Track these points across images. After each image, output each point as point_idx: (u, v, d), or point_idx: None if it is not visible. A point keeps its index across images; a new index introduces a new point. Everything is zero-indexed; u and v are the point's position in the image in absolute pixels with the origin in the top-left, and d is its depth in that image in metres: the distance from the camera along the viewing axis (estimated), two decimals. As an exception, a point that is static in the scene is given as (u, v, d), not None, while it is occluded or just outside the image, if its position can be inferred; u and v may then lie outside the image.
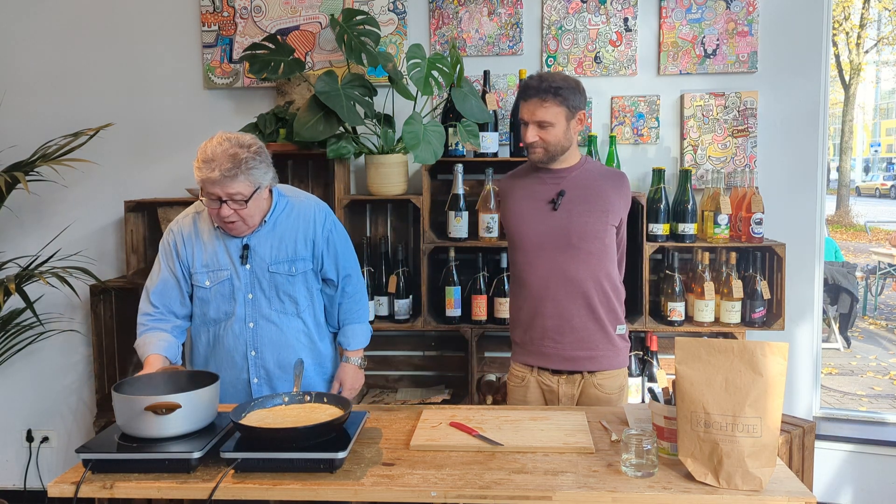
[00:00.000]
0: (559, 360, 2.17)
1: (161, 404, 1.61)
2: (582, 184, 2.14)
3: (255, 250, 2.08)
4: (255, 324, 2.11)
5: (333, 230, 2.18)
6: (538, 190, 2.16)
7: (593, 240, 2.11)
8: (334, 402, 1.80)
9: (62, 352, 3.40)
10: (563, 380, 2.17)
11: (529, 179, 2.20)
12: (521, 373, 2.24)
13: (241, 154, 1.91)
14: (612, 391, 2.17)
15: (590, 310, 2.14)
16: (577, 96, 2.08)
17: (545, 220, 2.13)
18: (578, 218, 2.10)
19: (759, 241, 2.82)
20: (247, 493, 1.53)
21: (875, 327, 7.75)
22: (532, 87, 2.07)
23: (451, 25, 3.10)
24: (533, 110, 2.06)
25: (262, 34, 3.13)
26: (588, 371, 2.16)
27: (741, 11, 3.00)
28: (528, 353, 2.21)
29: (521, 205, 2.18)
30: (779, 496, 1.45)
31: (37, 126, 3.26)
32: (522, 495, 1.48)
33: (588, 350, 2.15)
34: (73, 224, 3.30)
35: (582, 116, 2.11)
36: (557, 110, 2.04)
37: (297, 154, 3.01)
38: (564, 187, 2.12)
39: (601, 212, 2.11)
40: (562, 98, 2.04)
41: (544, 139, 2.07)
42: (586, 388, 2.17)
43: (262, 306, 2.11)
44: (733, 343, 1.51)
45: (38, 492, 3.40)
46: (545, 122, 2.05)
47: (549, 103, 2.04)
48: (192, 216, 2.14)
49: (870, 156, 26.30)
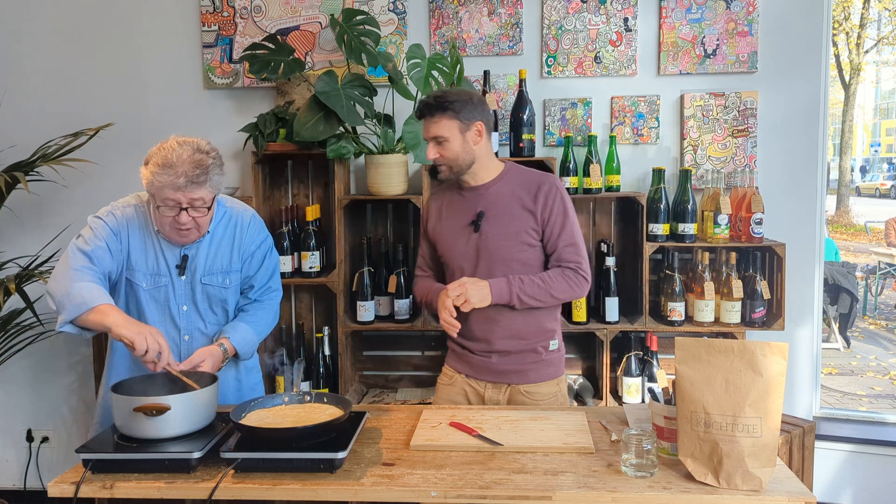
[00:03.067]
0: (486, 373, 2.15)
1: (150, 406, 1.61)
2: (500, 201, 2.09)
3: (191, 260, 2.00)
4: (190, 336, 2.03)
5: (265, 242, 2.12)
6: (460, 209, 2.14)
7: (511, 262, 2.06)
8: (334, 402, 1.80)
9: (62, 352, 3.40)
10: (489, 386, 2.16)
11: (454, 197, 2.17)
12: (451, 373, 2.23)
13: (206, 160, 1.85)
14: (541, 398, 2.14)
15: (514, 329, 2.10)
16: (472, 108, 2.04)
17: (468, 242, 2.10)
18: (495, 241, 2.07)
19: (759, 241, 2.82)
20: (247, 493, 1.53)
21: (875, 327, 7.75)
22: (423, 105, 2.06)
23: (451, 25, 3.10)
24: (427, 127, 2.06)
25: (262, 34, 3.13)
26: (515, 383, 2.15)
27: (741, 11, 3.00)
28: (460, 360, 2.20)
29: (445, 224, 2.16)
30: (779, 496, 1.45)
31: (37, 126, 3.26)
32: (522, 495, 1.48)
33: (515, 365, 2.13)
34: (73, 224, 3.30)
35: (480, 128, 2.05)
36: (449, 123, 2.02)
37: (297, 154, 3.01)
38: (483, 207, 2.09)
39: (516, 232, 2.07)
40: (452, 112, 2.01)
41: (443, 155, 2.05)
42: (513, 394, 2.15)
43: (197, 319, 2.03)
44: (733, 343, 1.51)
45: (38, 492, 3.40)
46: (440, 138, 2.03)
47: (439, 117, 2.02)
48: (133, 208, 2.00)
49: (870, 156, 26.29)
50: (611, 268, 2.91)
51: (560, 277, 2.06)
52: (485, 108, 2.08)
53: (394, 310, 2.96)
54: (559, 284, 2.05)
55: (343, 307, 2.97)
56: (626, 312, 3.02)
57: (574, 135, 3.08)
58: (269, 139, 2.91)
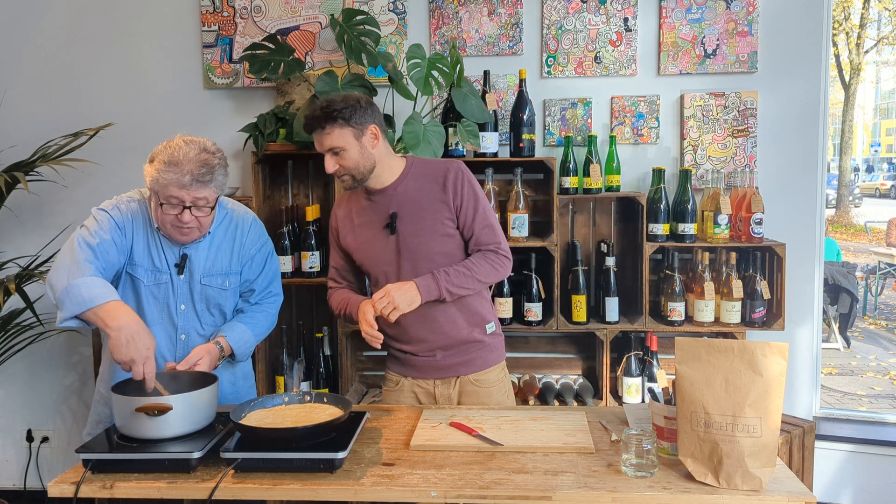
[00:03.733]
0: (433, 371, 2.14)
1: (152, 406, 1.61)
2: (410, 198, 2.05)
3: (191, 260, 1.99)
4: (186, 336, 2.02)
5: (266, 246, 2.12)
6: (371, 214, 2.09)
7: (434, 256, 2.04)
8: (334, 402, 1.80)
9: (62, 352, 3.41)
10: (438, 382, 2.15)
11: (362, 203, 2.11)
12: (396, 378, 2.20)
13: (212, 160, 1.85)
14: (490, 385, 2.15)
15: (450, 322, 2.09)
16: (360, 112, 1.96)
17: (387, 245, 2.06)
18: (414, 239, 2.03)
19: (759, 241, 2.82)
20: (247, 493, 1.53)
21: (875, 327, 7.75)
22: (310, 119, 1.97)
23: (451, 25, 3.10)
24: (320, 140, 1.97)
25: (262, 34, 3.13)
26: (463, 374, 2.14)
27: (741, 11, 3.00)
28: (403, 364, 2.18)
29: (359, 232, 2.11)
30: (779, 496, 1.45)
31: (37, 126, 3.26)
32: (522, 495, 1.48)
33: (460, 357, 2.13)
34: (72, 224, 3.30)
35: (374, 131, 1.98)
36: (342, 132, 1.94)
37: (297, 154, 3.01)
38: (395, 207, 2.05)
39: (432, 225, 2.04)
40: (343, 119, 1.93)
41: (344, 166, 1.98)
42: (463, 385, 2.14)
43: (194, 319, 2.03)
44: (733, 343, 1.51)
45: (38, 492, 3.40)
46: (336, 148, 1.95)
47: (330, 128, 1.94)
48: (137, 203, 2.00)
49: (870, 156, 26.29)
50: (611, 268, 2.91)
51: (483, 261, 2.04)
52: (374, 110, 2.01)
53: (394, 310, 2.96)
54: (483, 268, 2.03)
55: (343, 307, 2.97)
56: (626, 312, 3.02)
57: (574, 135, 3.08)
58: (269, 139, 2.91)
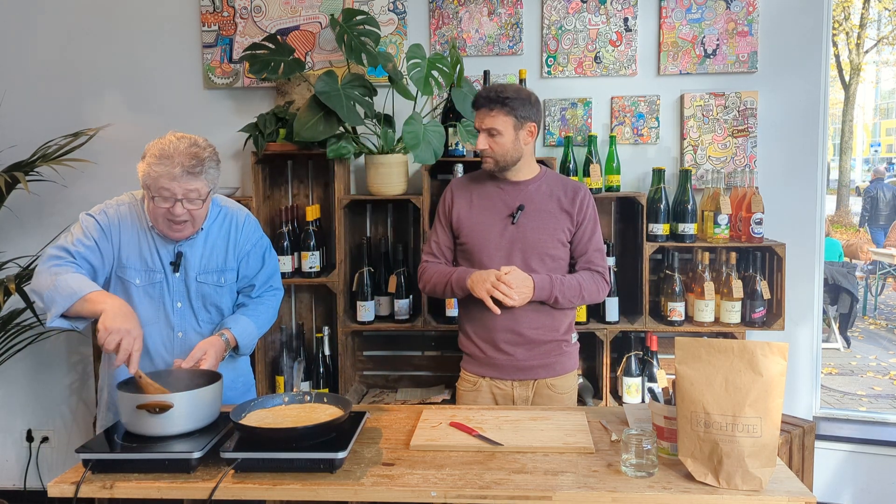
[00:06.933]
0: (513, 371, 2.20)
1: (154, 403, 1.62)
2: (540, 198, 2.17)
3: (186, 258, 2.00)
4: (183, 334, 2.03)
5: (261, 241, 2.13)
6: (497, 202, 2.19)
7: (544, 256, 2.15)
8: (334, 402, 1.80)
9: (62, 352, 3.40)
10: (517, 384, 2.21)
11: (488, 188, 2.21)
12: (473, 378, 2.25)
13: (202, 153, 1.87)
14: (563, 391, 2.23)
15: (541, 322, 2.17)
16: (528, 108, 2.11)
17: (503, 233, 2.16)
18: (532, 234, 2.14)
19: (759, 241, 2.82)
20: (247, 493, 1.53)
21: (875, 327, 7.75)
22: (482, 97, 2.12)
23: (451, 25, 3.10)
24: (482, 119, 2.11)
25: (262, 34, 3.13)
26: (542, 377, 2.22)
27: (741, 11, 3.00)
28: (481, 364, 2.23)
29: (480, 214, 2.20)
30: (779, 496, 1.45)
31: (37, 126, 3.26)
32: (522, 495, 1.48)
33: (542, 359, 2.19)
34: (72, 224, 3.29)
35: (532, 129, 2.13)
36: (505, 119, 2.08)
37: (297, 154, 3.01)
38: (523, 201, 2.16)
39: (553, 229, 2.15)
40: (509, 108, 2.08)
41: (492, 148, 2.11)
42: (539, 389, 2.21)
43: (190, 317, 2.03)
44: (733, 343, 1.51)
45: (38, 492, 3.40)
46: (493, 130, 2.09)
47: (496, 112, 2.08)
48: (127, 206, 2.02)
49: (870, 156, 26.29)
50: (611, 268, 2.91)
51: (591, 282, 2.17)
52: (539, 110, 2.16)
53: (394, 310, 2.96)
54: (590, 288, 2.16)
55: (343, 307, 2.97)
56: (626, 312, 3.02)
57: (574, 135, 3.08)
58: (269, 139, 2.91)
